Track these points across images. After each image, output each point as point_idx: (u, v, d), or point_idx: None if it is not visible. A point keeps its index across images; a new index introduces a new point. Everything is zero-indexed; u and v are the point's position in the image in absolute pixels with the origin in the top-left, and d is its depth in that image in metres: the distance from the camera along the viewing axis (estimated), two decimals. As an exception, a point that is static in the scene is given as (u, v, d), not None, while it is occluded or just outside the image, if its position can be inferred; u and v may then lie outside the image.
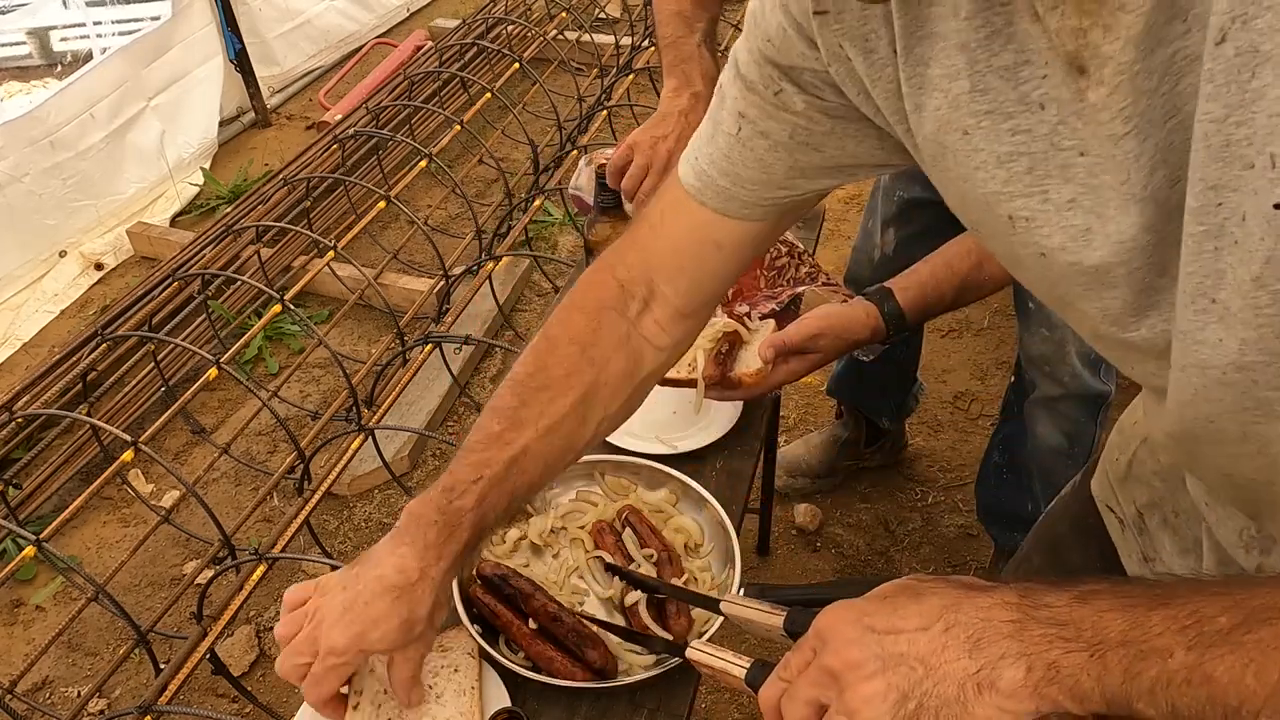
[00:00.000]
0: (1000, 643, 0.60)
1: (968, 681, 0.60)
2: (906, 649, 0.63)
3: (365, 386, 2.50)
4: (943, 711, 0.61)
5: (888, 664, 0.63)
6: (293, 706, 1.53)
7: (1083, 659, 0.58)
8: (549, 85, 3.39)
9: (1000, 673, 0.59)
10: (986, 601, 0.62)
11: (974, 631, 0.61)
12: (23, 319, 3.14)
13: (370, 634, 0.89)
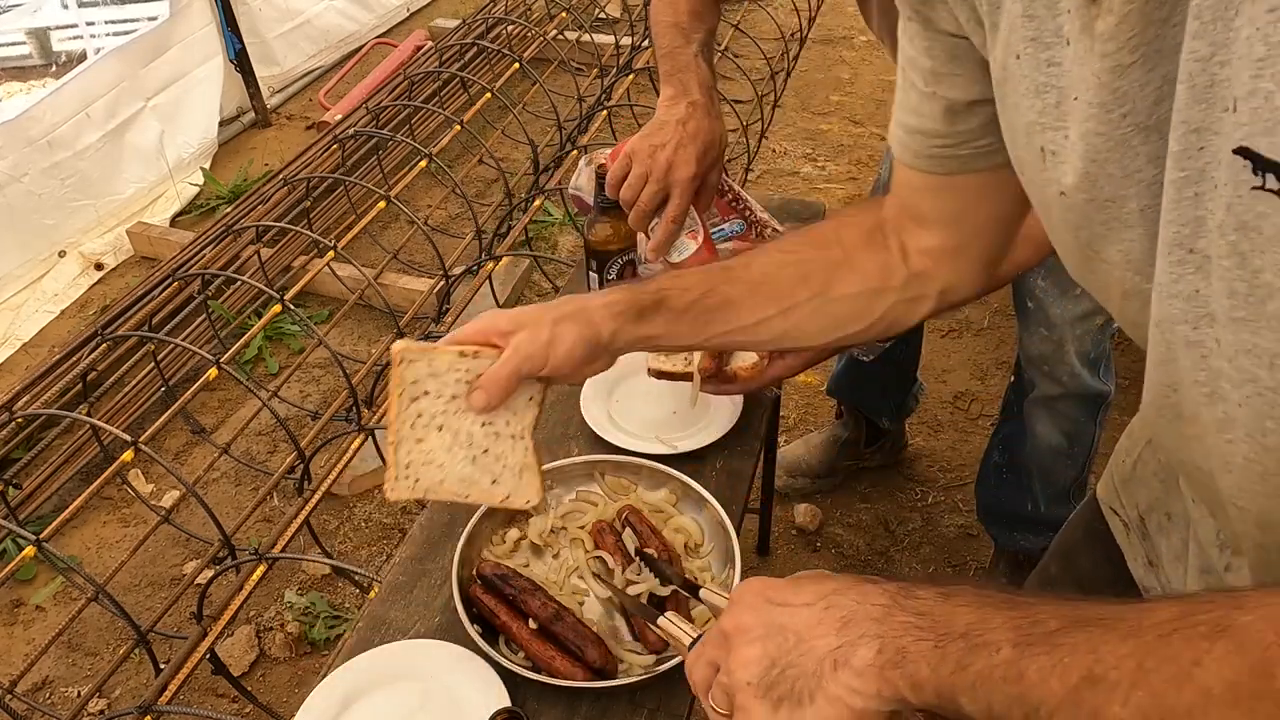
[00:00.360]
0: (864, 624, 0.63)
1: (827, 657, 0.63)
2: (788, 621, 0.66)
3: (365, 386, 2.50)
4: (799, 681, 0.64)
5: (769, 632, 0.67)
6: (293, 706, 1.53)
7: (927, 647, 0.59)
8: (549, 85, 3.39)
9: (855, 651, 0.62)
10: (869, 590, 0.65)
11: (847, 613, 0.64)
12: (23, 319, 3.14)
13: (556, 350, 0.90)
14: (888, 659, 0.61)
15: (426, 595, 1.15)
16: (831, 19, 4.88)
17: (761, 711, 0.66)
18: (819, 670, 0.63)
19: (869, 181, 3.57)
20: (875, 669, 0.61)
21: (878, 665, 0.61)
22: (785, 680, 0.65)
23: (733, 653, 0.68)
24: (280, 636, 2.16)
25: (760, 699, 0.66)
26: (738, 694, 0.68)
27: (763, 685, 0.66)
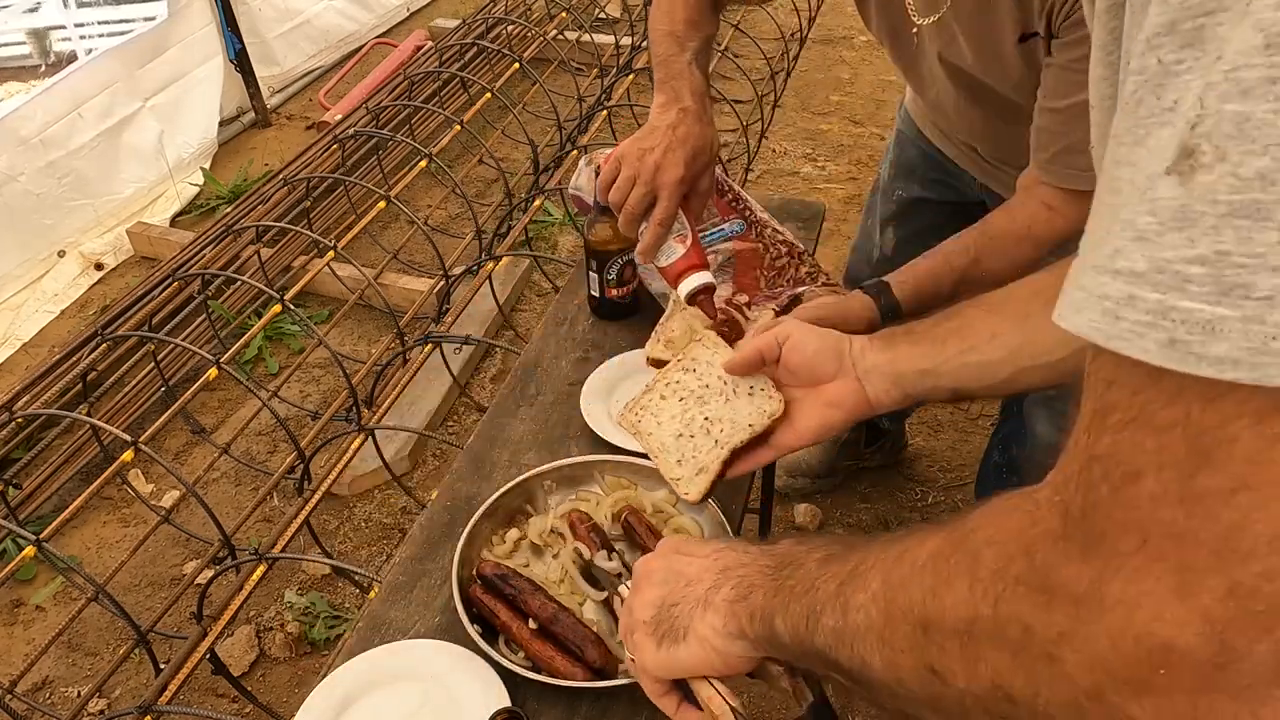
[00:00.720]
0: (735, 569, 0.70)
1: (701, 598, 0.70)
2: (683, 568, 0.74)
3: (365, 386, 2.50)
4: (679, 621, 0.72)
5: (667, 578, 0.75)
6: (293, 706, 1.53)
7: (767, 579, 0.66)
8: (549, 85, 3.39)
9: (719, 591, 0.69)
10: (754, 546, 0.72)
11: (727, 563, 0.71)
12: (23, 319, 3.14)
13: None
14: (738, 594, 0.67)
15: (426, 595, 1.15)
16: (831, 19, 4.88)
17: (648, 648, 0.73)
18: (693, 610, 0.70)
19: (869, 181, 3.57)
20: (727, 604, 0.68)
21: (729, 600, 0.68)
22: (669, 619, 0.72)
23: (636, 594, 0.76)
24: (280, 636, 2.16)
25: (649, 637, 0.73)
26: (636, 632, 0.75)
27: (653, 623, 0.73)
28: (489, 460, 1.32)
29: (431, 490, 2.48)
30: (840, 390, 1.02)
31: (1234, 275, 0.35)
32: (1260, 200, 0.34)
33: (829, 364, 1.02)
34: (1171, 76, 0.37)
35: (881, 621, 0.54)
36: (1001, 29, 1.21)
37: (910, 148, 1.80)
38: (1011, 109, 1.35)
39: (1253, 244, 0.34)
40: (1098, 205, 0.43)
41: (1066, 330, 0.42)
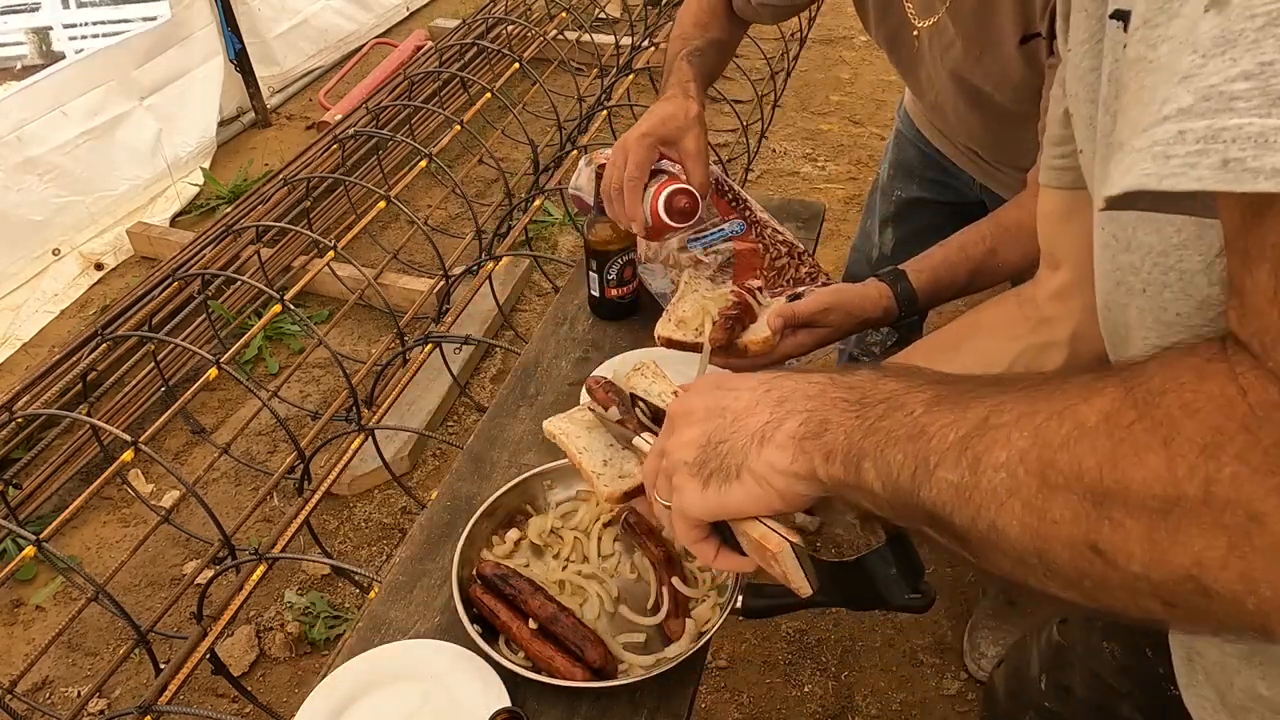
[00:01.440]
0: (797, 400, 0.62)
1: (757, 432, 0.62)
2: (729, 403, 0.65)
3: (365, 386, 2.50)
4: (729, 458, 0.63)
5: (710, 414, 0.66)
6: (293, 706, 1.53)
7: (849, 416, 0.58)
8: (549, 85, 3.39)
9: (782, 425, 0.61)
10: (811, 374, 0.64)
11: (785, 392, 0.63)
12: (23, 319, 3.14)
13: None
14: (809, 430, 0.60)
15: (426, 595, 1.15)
16: (831, 19, 4.88)
17: (694, 490, 0.65)
18: (747, 446, 0.62)
19: (869, 181, 3.57)
20: (794, 440, 0.60)
21: (797, 437, 0.60)
22: (716, 457, 0.64)
23: (673, 434, 0.68)
24: (280, 636, 2.16)
25: (693, 478, 0.65)
26: (675, 475, 0.67)
27: (697, 464, 0.65)
28: (489, 460, 1.32)
29: (431, 490, 2.47)
30: None
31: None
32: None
33: None
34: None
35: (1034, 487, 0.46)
36: (1002, 30, 1.21)
37: (909, 148, 1.80)
38: (1010, 112, 1.35)
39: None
40: (1133, 96, 0.41)
41: (1116, 196, 0.40)
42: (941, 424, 0.52)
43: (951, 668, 2.05)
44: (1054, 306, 0.92)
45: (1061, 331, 0.92)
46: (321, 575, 2.31)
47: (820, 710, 1.98)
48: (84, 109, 3.33)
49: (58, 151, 3.24)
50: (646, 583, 1.14)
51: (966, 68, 1.31)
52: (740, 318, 1.28)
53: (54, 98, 3.22)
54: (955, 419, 0.51)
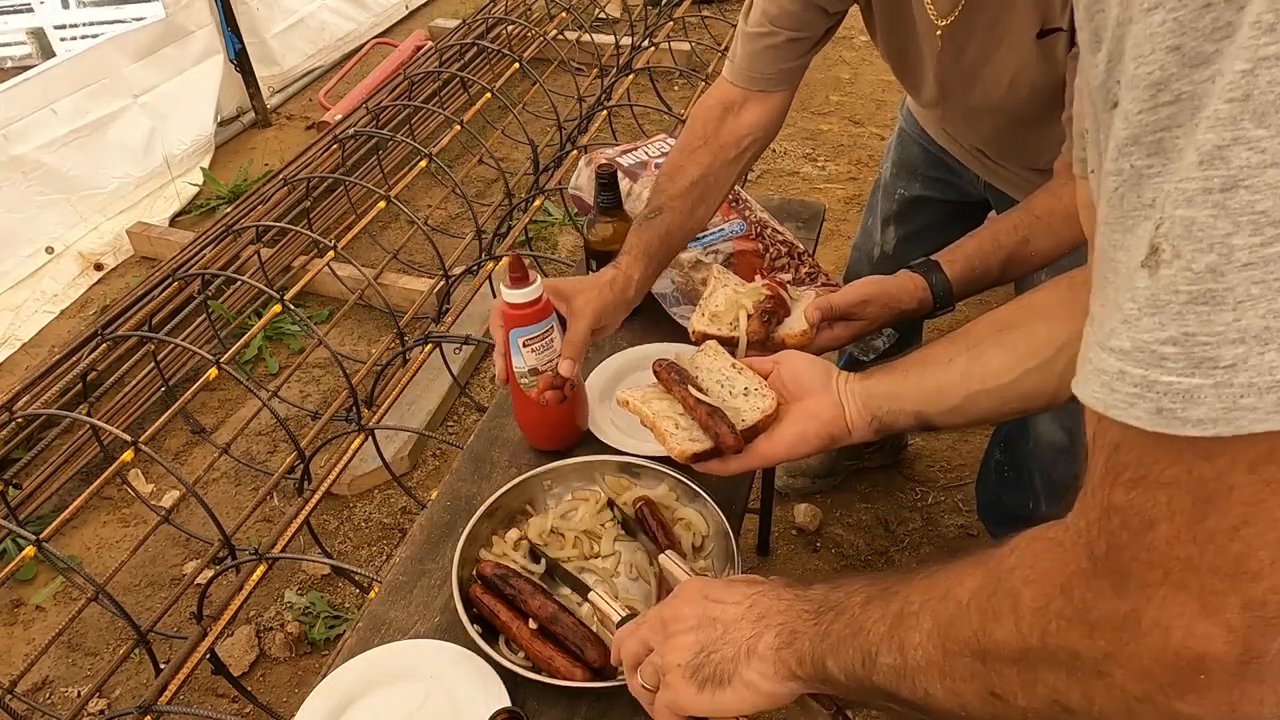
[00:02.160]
0: (772, 615, 0.74)
1: (743, 645, 0.74)
2: (719, 615, 0.77)
3: (365, 386, 2.50)
4: (721, 666, 0.75)
5: (702, 624, 0.77)
6: (293, 706, 1.53)
7: (810, 624, 0.70)
8: (549, 85, 3.39)
9: (761, 638, 0.73)
10: (783, 590, 0.76)
11: (763, 610, 0.75)
12: (22, 319, 3.14)
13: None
14: (782, 641, 0.71)
15: (426, 595, 1.15)
16: (831, 19, 4.87)
17: (688, 691, 0.76)
18: (736, 656, 0.74)
19: (869, 181, 3.57)
20: (773, 651, 0.72)
21: (774, 648, 0.72)
22: (710, 664, 0.75)
23: (668, 639, 0.78)
24: (280, 636, 2.16)
25: (688, 680, 0.76)
26: (668, 674, 0.78)
27: (690, 668, 0.76)
28: (489, 460, 1.32)
29: (431, 490, 2.47)
30: (821, 402, 1.06)
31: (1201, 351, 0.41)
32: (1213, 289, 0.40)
33: (817, 381, 1.08)
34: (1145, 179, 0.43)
35: (940, 657, 0.60)
36: (1021, 23, 1.20)
37: (912, 146, 1.80)
38: (1022, 114, 1.34)
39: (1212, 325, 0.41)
40: (1100, 281, 0.48)
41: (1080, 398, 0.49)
42: (874, 619, 0.65)
43: (951, 668, 2.05)
44: None
45: None
46: (321, 575, 2.31)
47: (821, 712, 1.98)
48: (74, 107, 3.32)
49: (45, 149, 3.23)
50: (646, 582, 1.14)
51: (982, 64, 1.30)
52: (775, 311, 1.29)
53: (43, 96, 3.22)
54: (881, 613, 0.64)
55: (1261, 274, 0.40)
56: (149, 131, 3.60)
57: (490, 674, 1.03)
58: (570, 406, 1.26)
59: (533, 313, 1.17)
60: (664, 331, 1.49)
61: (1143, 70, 0.42)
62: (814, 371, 1.09)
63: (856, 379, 1.06)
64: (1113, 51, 0.44)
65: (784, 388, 1.10)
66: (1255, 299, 0.40)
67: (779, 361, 1.12)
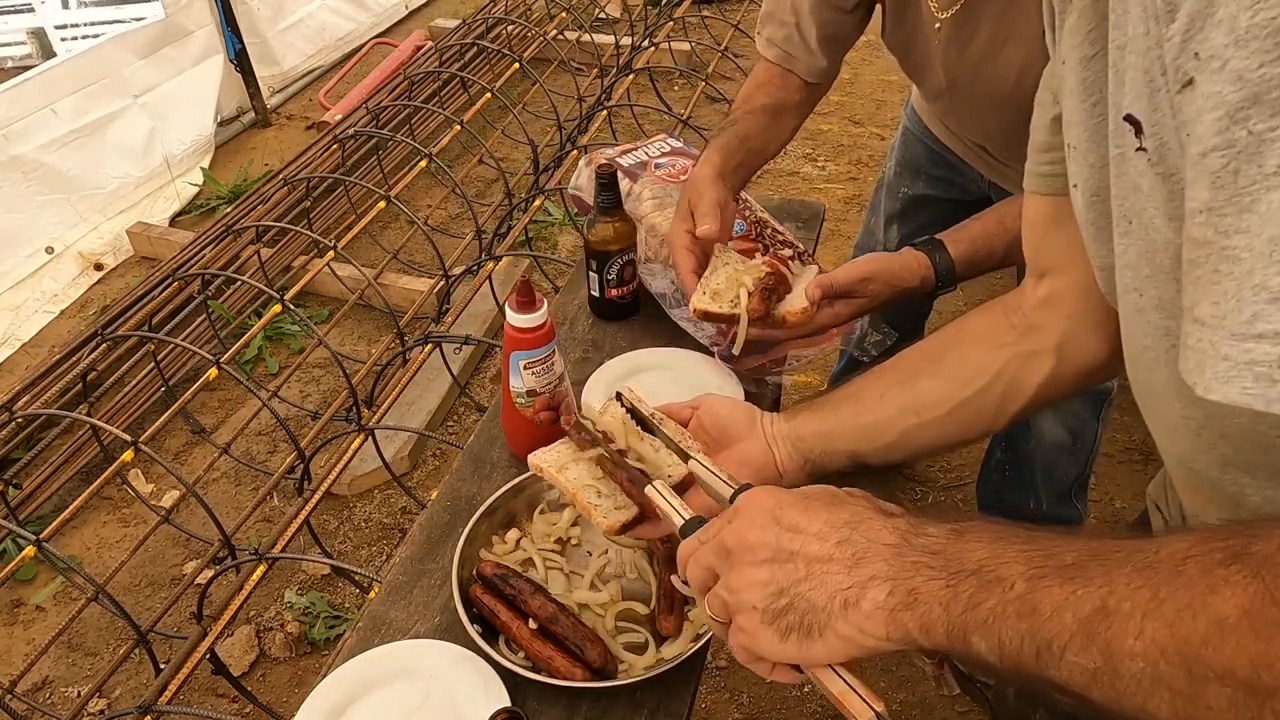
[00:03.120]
0: (875, 564, 0.62)
1: (838, 594, 0.63)
2: (799, 548, 0.66)
3: (365, 386, 2.50)
4: (809, 615, 0.64)
5: (778, 556, 0.66)
6: (293, 706, 1.53)
7: (939, 586, 0.59)
8: (549, 85, 3.39)
9: (866, 592, 0.62)
10: (880, 525, 0.64)
11: (859, 550, 0.64)
12: (22, 319, 3.14)
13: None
14: (899, 601, 0.60)
15: (426, 595, 1.15)
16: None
17: (768, 637, 0.66)
18: (829, 607, 0.63)
19: (869, 181, 3.57)
20: (885, 612, 0.61)
21: (888, 608, 0.61)
22: (794, 611, 0.65)
23: (736, 569, 0.68)
24: (280, 636, 2.16)
25: (767, 625, 0.66)
26: (741, 614, 0.68)
27: (770, 612, 0.66)
28: (489, 460, 1.32)
29: (431, 490, 2.47)
30: (749, 448, 1.01)
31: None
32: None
33: (741, 426, 1.02)
34: (1268, 144, 0.39)
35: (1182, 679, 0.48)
36: (1028, 17, 1.20)
37: (916, 145, 1.80)
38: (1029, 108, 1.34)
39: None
40: (1207, 279, 0.44)
41: (1217, 401, 0.43)
42: (1053, 603, 0.53)
43: (952, 668, 2.05)
44: (1040, 315, 0.91)
45: (1048, 340, 0.91)
46: (321, 575, 2.31)
47: (820, 710, 1.98)
48: (74, 108, 3.32)
49: (45, 149, 3.23)
50: (646, 583, 1.14)
51: (989, 58, 1.30)
52: (776, 288, 1.28)
53: (44, 96, 3.22)
54: (1066, 597, 0.52)
55: None
56: (149, 131, 3.60)
57: (490, 674, 1.02)
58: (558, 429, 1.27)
59: (535, 337, 1.19)
60: (664, 332, 1.49)
61: (1262, 17, 0.38)
62: (737, 415, 1.03)
63: (783, 419, 1.01)
64: (1195, 14, 0.41)
65: (706, 434, 1.04)
66: None
67: (696, 406, 1.06)
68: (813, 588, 0.64)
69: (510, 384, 1.22)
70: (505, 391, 1.24)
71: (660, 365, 1.41)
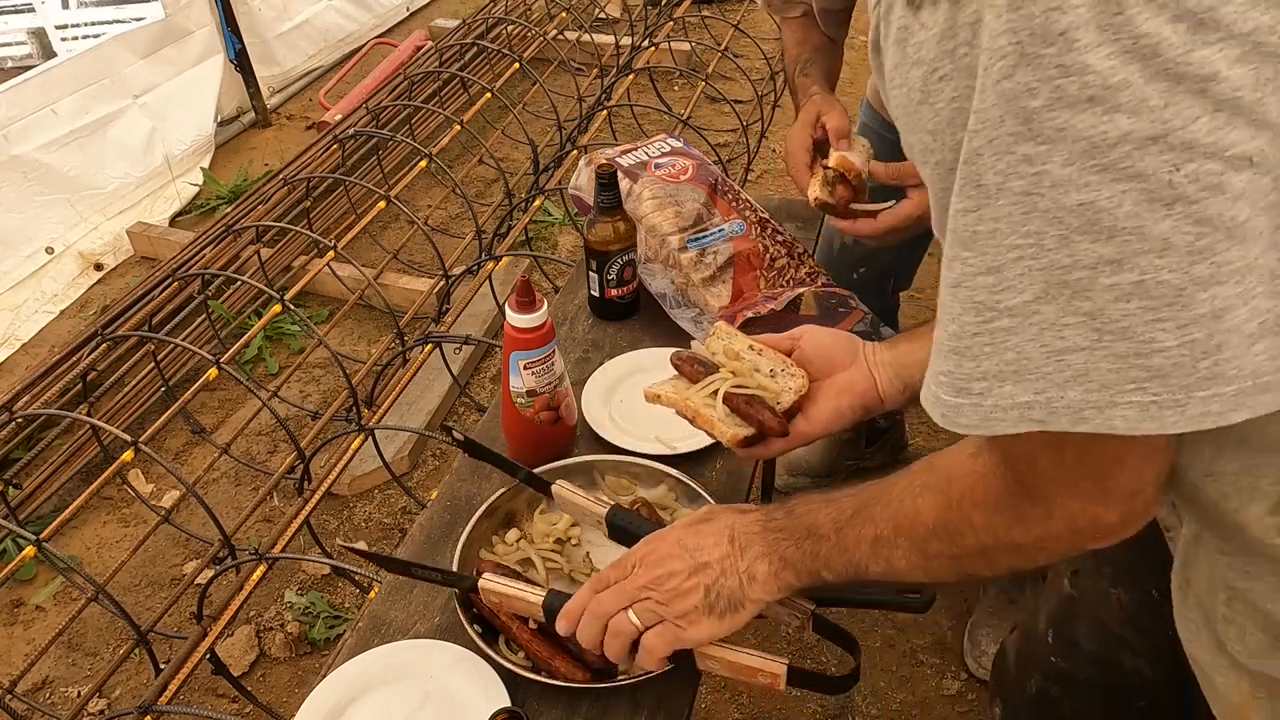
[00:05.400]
0: (755, 547, 0.90)
1: (742, 574, 0.90)
2: (708, 558, 0.91)
3: (365, 386, 2.50)
4: (732, 597, 0.90)
5: (696, 570, 0.91)
6: (293, 706, 1.53)
7: (794, 549, 0.88)
8: (549, 85, 3.39)
9: (757, 567, 0.89)
10: (745, 521, 0.92)
11: (741, 542, 0.91)
12: (22, 319, 3.14)
13: None
14: (777, 567, 0.89)
15: (426, 595, 1.15)
16: (831, 19, 4.87)
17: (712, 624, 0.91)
18: (740, 585, 0.90)
19: (869, 181, 3.56)
20: (772, 575, 0.89)
21: (772, 573, 0.89)
22: (721, 598, 0.90)
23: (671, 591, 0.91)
24: (280, 636, 2.16)
25: (706, 615, 0.90)
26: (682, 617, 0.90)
27: (705, 605, 0.90)
28: (489, 460, 1.32)
29: (431, 490, 2.48)
30: (852, 376, 1.08)
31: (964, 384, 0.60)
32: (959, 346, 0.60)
33: (844, 355, 1.10)
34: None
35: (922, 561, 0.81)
36: None
37: (871, 135, 1.80)
38: None
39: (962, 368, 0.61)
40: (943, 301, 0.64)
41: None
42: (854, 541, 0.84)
43: (951, 668, 2.05)
44: None
45: None
46: (321, 575, 2.31)
47: (820, 710, 1.98)
48: (74, 107, 3.32)
49: (45, 149, 3.23)
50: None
51: None
52: (849, 183, 1.48)
53: (44, 96, 3.22)
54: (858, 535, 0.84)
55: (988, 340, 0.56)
56: (149, 131, 3.60)
57: (490, 674, 1.03)
58: (559, 428, 1.27)
59: (536, 337, 1.20)
60: (664, 332, 1.49)
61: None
62: (840, 344, 1.10)
63: (884, 348, 1.08)
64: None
65: (809, 364, 1.10)
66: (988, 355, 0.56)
67: (798, 338, 1.12)
68: (727, 578, 0.90)
69: (510, 384, 1.23)
70: (505, 391, 1.24)
71: (661, 365, 1.41)
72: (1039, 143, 0.48)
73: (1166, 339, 0.51)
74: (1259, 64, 0.45)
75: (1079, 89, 0.47)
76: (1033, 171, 0.49)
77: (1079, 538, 0.69)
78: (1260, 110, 0.46)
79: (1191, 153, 0.47)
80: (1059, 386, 0.54)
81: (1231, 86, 0.45)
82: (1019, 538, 0.72)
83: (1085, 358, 0.53)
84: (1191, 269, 0.49)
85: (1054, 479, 0.66)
